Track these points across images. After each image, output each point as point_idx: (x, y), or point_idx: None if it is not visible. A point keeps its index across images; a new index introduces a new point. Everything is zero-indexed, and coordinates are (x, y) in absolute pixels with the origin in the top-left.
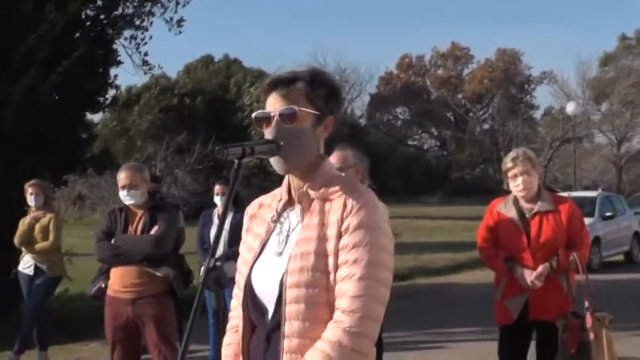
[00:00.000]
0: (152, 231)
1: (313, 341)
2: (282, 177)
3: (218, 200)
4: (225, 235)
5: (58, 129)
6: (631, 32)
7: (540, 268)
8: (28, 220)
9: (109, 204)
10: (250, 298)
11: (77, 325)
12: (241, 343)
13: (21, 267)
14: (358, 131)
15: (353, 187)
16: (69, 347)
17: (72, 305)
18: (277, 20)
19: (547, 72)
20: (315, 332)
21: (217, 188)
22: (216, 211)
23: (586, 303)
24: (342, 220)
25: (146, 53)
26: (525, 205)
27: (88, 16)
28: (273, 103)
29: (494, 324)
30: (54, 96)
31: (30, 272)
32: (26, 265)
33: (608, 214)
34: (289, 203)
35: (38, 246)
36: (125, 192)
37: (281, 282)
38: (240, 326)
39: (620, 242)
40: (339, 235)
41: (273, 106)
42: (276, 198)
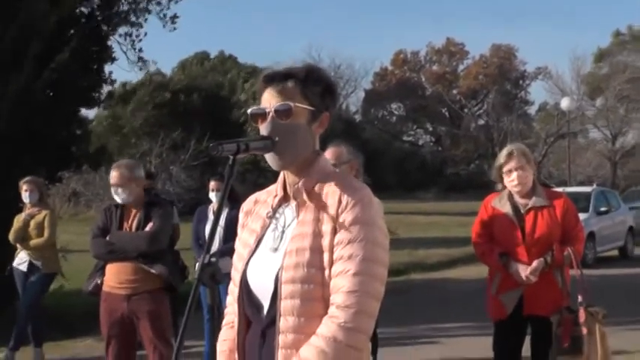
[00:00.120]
0: (147, 227)
1: (308, 337)
2: (276, 173)
3: (213, 196)
4: (220, 232)
5: (53, 126)
6: (625, 28)
7: (535, 264)
8: (23, 217)
9: (104, 200)
10: (246, 294)
11: (72, 322)
12: (237, 339)
13: (16, 263)
14: (353, 127)
15: (348, 183)
16: (64, 344)
17: (67, 302)
18: (272, 16)
19: (542, 68)
20: (310, 328)
21: (212, 184)
22: (211, 207)
23: (580, 298)
24: (337, 216)
25: (140, 49)
26: (520, 201)
27: (83, 13)
28: (268, 99)
29: (488, 319)
30: (48, 93)
31: (25, 269)
32: (21, 262)
33: (602, 210)
34: (285, 199)
35: (33, 242)
36: (113, 191)
37: (276, 278)
38: (235, 322)
39: (614, 237)
40: (334, 231)
41: (268, 102)
42: (271, 194)
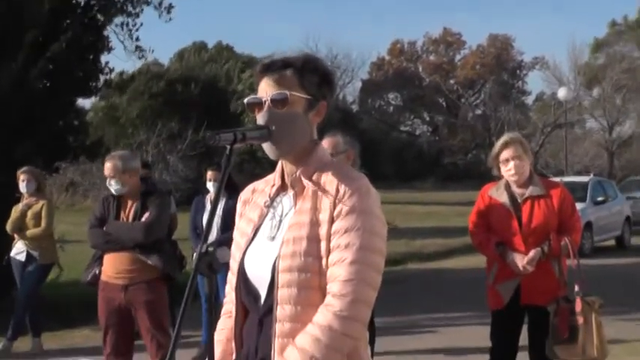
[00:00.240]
0: (143, 217)
1: (305, 325)
2: (273, 164)
3: (210, 186)
4: (217, 221)
5: (49, 115)
6: (620, 19)
7: (532, 253)
8: (21, 207)
9: (101, 190)
10: (243, 283)
11: (70, 312)
12: (234, 328)
13: (13, 253)
14: (350, 117)
15: (346, 173)
16: (61, 334)
17: (64, 292)
18: (270, 6)
19: (539, 57)
20: (307, 316)
21: (209, 174)
22: (208, 197)
23: (576, 287)
24: (335, 205)
25: (137, 38)
26: (517, 190)
27: (79, 3)
28: (265, 88)
29: (486, 309)
30: (44, 82)
31: (22, 259)
32: (18, 252)
33: (599, 199)
34: (282, 188)
35: (30, 232)
36: (107, 182)
37: (273, 266)
38: (233, 311)
39: (611, 227)
40: (332, 220)
41: (265, 91)
42: (269, 183)
